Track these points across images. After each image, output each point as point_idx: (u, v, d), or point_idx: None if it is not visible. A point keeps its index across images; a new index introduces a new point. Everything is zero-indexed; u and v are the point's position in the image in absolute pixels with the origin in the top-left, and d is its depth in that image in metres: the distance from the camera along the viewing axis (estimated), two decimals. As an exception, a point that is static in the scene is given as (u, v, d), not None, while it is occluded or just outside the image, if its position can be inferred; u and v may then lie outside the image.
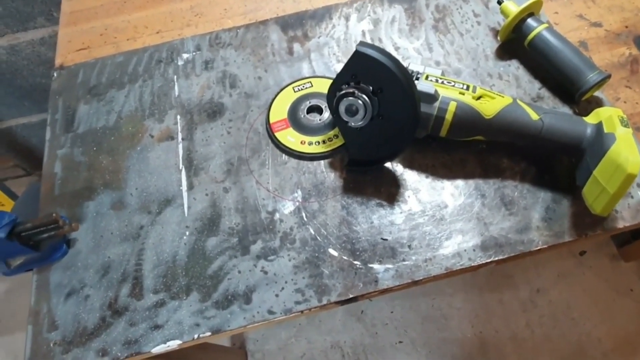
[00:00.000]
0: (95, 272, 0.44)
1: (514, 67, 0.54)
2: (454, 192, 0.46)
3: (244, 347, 1.05)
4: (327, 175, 0.48)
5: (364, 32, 0.58)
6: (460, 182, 0.46)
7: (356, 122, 0.43)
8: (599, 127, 0.41)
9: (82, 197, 0.48)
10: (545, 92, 0.51)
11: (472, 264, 0.41)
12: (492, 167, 0.47)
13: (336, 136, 0.49)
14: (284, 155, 0.49)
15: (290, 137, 0.50)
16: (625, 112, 0.43)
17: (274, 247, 0.44)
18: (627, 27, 0.56)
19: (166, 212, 0.47)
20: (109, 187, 0.49)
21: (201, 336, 0.40)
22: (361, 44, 0.40)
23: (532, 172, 0.46)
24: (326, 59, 0.56)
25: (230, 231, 0.45)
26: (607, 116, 0.41)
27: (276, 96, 0.53)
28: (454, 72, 0.54)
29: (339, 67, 0.55)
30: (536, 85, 0.52)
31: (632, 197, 0.44)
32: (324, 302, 0.40)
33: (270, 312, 0.40)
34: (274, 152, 0.49)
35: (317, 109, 0.52)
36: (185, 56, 0.58)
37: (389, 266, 0.42)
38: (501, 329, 1.06)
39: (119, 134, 0.52)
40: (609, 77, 0.47)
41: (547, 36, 0.50)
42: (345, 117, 0.43)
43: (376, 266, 0.42)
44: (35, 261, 0.44)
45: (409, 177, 0.47)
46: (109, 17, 0.63)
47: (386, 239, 0.43)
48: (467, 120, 0.43)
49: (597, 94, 0.50)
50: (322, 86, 0.53)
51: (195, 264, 0.43)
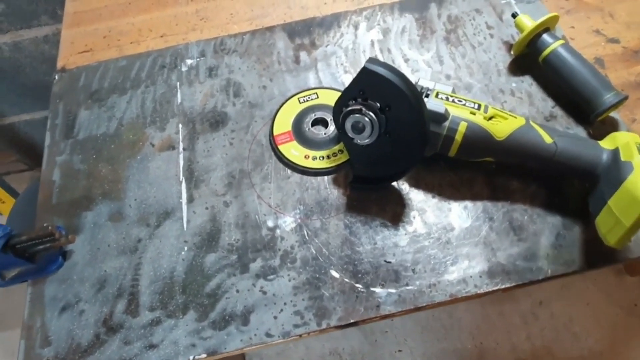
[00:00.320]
0: (90, 286, 0.43)
1: (527, 83, 0.52)
2: (461, 214, 0.44)
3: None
4: (330, 192, 0.46)
5: (372, 42, 0.57)
6: (467, 204, 0.45)
7: (362, 139, 0.42)
8: (615, 153, 0.39)
9: (80, 206, 0.47)
10: (558, 111, 0.50)
11: (478, 291, 0.40)
12: (501, 188, 0.45)
13: (341, 151, 0.48)
14: (287, 169, 0.48)
15: (294, 151, 0.48)
16: (641, 135, 0.41)
17: (274, 266, 0.42)
18: (645, 44, 0.54)
19: (165, 225, 0.45)
20: (107, 197, 0.48)
21: (197, 358, 0.39)
22: (370, 60, 0.38)
23: (543, 195, 0.45)
24: (333, 69, 0.55)
25: (229, 247, 0.44)
26: (624, 142, 0.39)
27: (281, 107, 0.52)
28: (465, 87, 0.52)
29: (346, 77, 0.54)
30: (549, 103, 0.50)
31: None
32: (324, 326, 0.39)
33: (268, 335, 0.39)
34: (276, 166, 0.48)
35: (322, 122, 0.51)
36: (189, 62, 0.57)
37: (392, 290, 0.40)
38: (502, 341, 1.04)
39: (120, 141, 0.51)
40: (626, 98, 0.46)
41: (562, 53, 0.48)
42: (351, 134, 0.42)
43: (378, 290, 0.41)
44: (30, 273, 0.43)
45: (415, 196, 0.45)
46: (113, 19, 0.62)
47: (390, 262, 0.42)
48: (477, 141, 0.42)
49: (613, 114, 0.49)
50: (328, 98, 0.52)
51: (193, 281, 0.42)
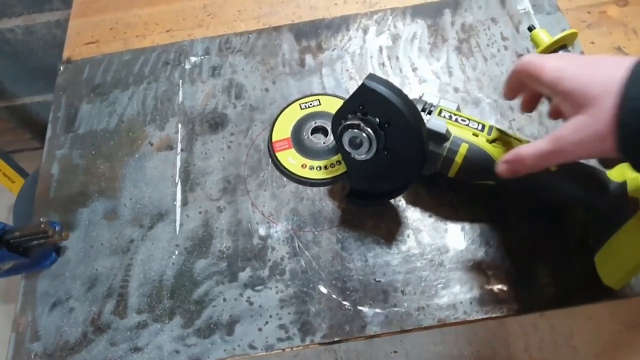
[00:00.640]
0: (81, 284, 0.43)
1: (538, 101, 0.49)
2: (457, 236, 0.43)
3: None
4: (325, 204, 0.45)
5: (381, 48, 0.55)
6: (465, 225, 0.44)
7: (359, 154, 0.41)
8: (622, 187, 0.37)
9: (76, 202, 0.48)
10: (569, 133, 0.47)
11: (467, 319, 0.39)
12: (500, 211, 0.44)
13: (339, 162, 0.47)
14: (283, 177, 0.47)
15: (291, 159, 0.47)
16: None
17: (263, 277, 0.42)
18: (670, 65, 0.51)
19: (158, 227, 0.46)
20: (103, 194, 0.48)
21: (180, 364, 0.39)
22: (370, 77, 0.37)
23: (543, 221, 0.43)
24: (338, 75, 0.53)
25: (220, 254, 0.44)
26: (633, 176, 0.37)
27: (281, 112, 0.51)
28: (473, 101, 0.50)
29: (350, 84, 0.53)
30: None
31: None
32: (307, 342, 0.39)
33: (251, 347, 0.39)
34: (273, 174, 0.48)
35: (322, 130, 0.49)
36: (193, 59, 0.56)
37: (379, 311, 0.40)
38: (499, 350, 1.03)
39: (119, 138, 0.51)
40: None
41: (578, 73, 0.46)
42: (348, 149, 0.41)
43: (366, 309, 0.40)
44: (24, 267, 0.44)
45: (411, 214, 0.44)
46: (120, 10, 0.61)
47: (379, 281, 0.41)
48: (478, 164, 0.40)
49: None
50: (330, 105, 0.50)
51: (181, 286, 0.42)
